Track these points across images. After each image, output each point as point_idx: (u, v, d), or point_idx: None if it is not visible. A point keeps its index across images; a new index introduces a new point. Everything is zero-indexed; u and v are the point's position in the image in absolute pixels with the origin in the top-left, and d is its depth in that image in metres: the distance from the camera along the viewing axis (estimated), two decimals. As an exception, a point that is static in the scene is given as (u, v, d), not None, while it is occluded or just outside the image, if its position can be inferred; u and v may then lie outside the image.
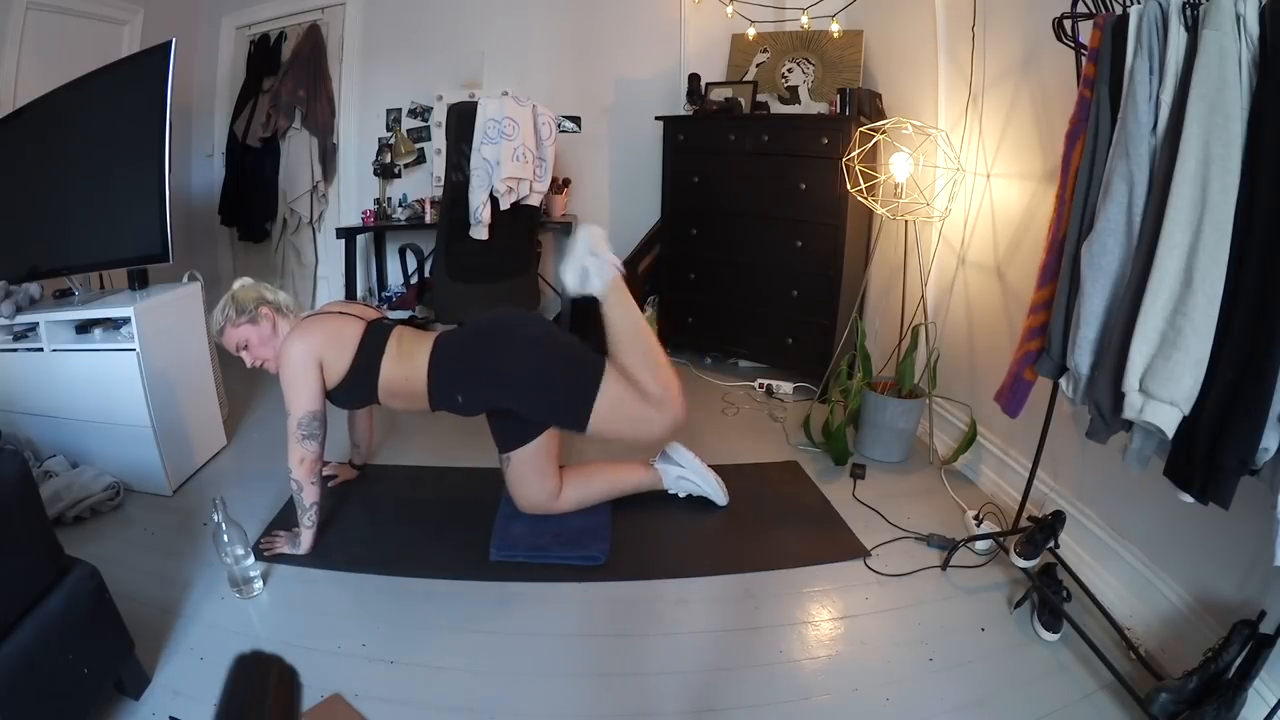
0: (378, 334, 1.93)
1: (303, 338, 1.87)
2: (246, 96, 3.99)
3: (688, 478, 2.18)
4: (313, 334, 1.88)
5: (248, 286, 1.97)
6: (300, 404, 1.84)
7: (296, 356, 1.84)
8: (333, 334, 1.90)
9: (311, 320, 1.93)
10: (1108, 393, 1.27)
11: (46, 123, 2.31)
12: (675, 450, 2.21)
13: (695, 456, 2.21)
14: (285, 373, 1.85)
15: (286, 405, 1.85)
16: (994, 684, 1.51)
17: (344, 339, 1.90)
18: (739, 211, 3.24)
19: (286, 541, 1.93)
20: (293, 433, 1.84)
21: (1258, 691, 1.28)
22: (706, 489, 2.18)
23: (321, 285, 4.16)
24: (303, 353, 1.85)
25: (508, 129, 2.86)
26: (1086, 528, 1.86)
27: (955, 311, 2.56)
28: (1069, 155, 1.44)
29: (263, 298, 1.94)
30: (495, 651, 1.61)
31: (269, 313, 1.93)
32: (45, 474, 2.12)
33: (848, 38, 3.23)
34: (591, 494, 2.09)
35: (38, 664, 1.19)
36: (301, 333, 1.88)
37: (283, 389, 1.85)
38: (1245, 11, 1.07)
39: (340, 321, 1.93)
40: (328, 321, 1.92)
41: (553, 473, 2.01)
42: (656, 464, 2.19)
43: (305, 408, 1.84)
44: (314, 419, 1.86)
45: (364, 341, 1.90)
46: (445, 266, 3.01)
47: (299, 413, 1.84)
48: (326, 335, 1.89)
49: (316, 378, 1.86)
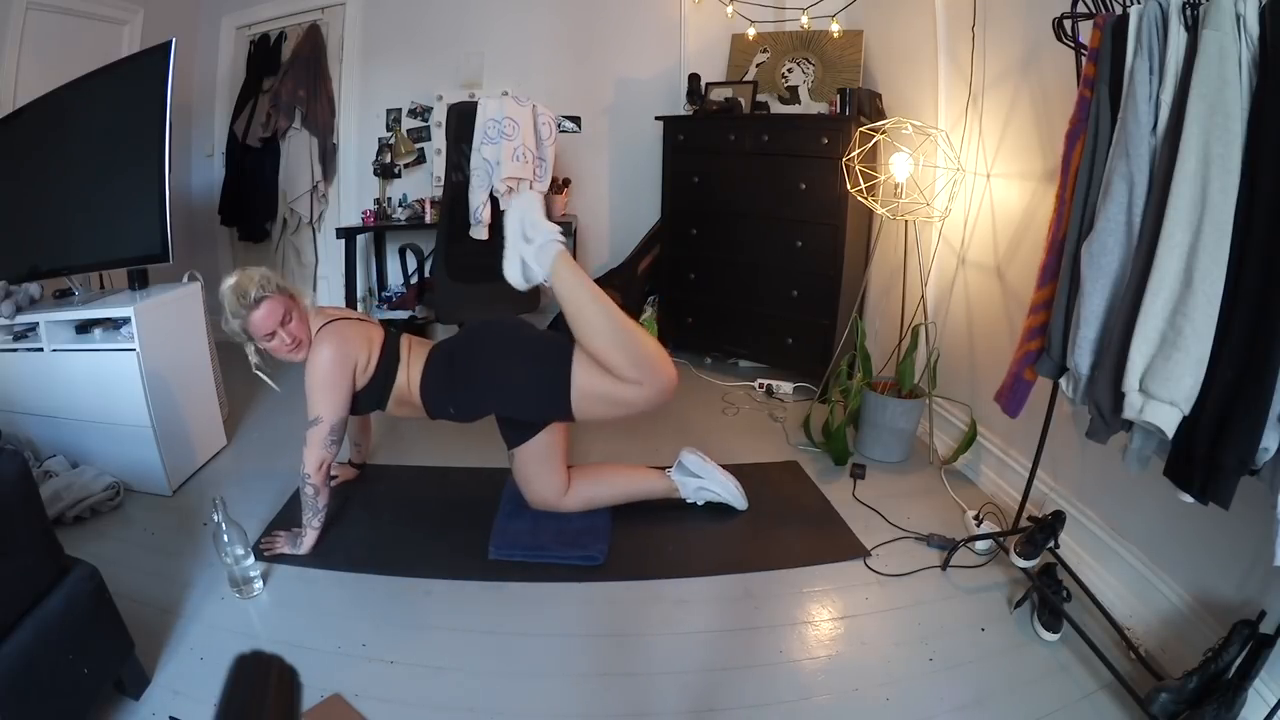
0: (395, 341, 1.92)
1: (339, 340, 1.79)
2: (246, 96, 3.99)
3: (707, 488, 2.13)
4: (348, 336, 1.81)
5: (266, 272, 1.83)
6: (332, 410, 1.79)
7: (333, 359, 1.77)
8: (364, 337, 1.85)
9: (345, 324, 1.86)
10: (1108, 393, 1.27)
11: (46, 123, 2.31)
12: (690, 460, 2.14)
13: (710, 463, 2.15)
14: (317, 376, 1.78)
15: (314, 409, 1.79)
16: (994, 684, 1.51)
17: (373, 343, 1.87)
18: (739, 211, 3.24)
19: (287, 541, 1.93)
20: (320, 438, 1.79)
21: (1258, 691, 1.28)
22: (726, 496, 2.14)
23: (321, 285, 4.15)
24: (341, 356, 1.78)
25: (508, 129, 2.86)
26: (1086, 528, 1.86)
27: (955, 311, 2.56)
28: (1069, 155, 1.44)
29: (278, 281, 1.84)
30: (495, 651, 1.61)
31: (297, 296, 1.87)
32: (45, 474, 2.12)
33: (848, 38, 3.23)
34: (601, 496, 2.07)
35: (38, 664, 1.19)
36: (339, 334, 1.80)
37: (310, 391, 1.79)
38: (1245, 11, 1.07)
39: (367, 326, 1.90)
40: (359, 326, 1.88)
41: (558, 469, 2.00)
42: (673, 476, 2.13)
43: (339, 414, 1.80)
44: (344, 425, 1.84)
45: (385, 347, 1.88)
46: (445, 266, 3.01)
47: (332, 419, 1.79)
48: (360, 338, 1.84)
49: (350, 383, 1.82)
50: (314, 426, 1.80)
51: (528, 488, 2.01)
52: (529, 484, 2.00)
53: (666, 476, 2.14)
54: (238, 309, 1.77)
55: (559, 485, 2.00)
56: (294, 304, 1.83)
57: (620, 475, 2.12)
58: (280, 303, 1.79)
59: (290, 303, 1.82)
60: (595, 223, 4.08)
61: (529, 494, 2.02)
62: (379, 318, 3.16)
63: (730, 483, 2.15)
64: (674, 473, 2.15)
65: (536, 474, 1.98)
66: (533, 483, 1.99)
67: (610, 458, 2.51)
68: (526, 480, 2.00)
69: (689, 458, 2.14)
